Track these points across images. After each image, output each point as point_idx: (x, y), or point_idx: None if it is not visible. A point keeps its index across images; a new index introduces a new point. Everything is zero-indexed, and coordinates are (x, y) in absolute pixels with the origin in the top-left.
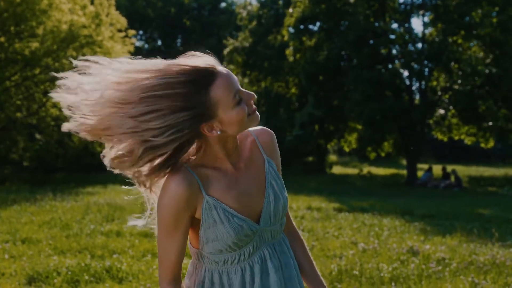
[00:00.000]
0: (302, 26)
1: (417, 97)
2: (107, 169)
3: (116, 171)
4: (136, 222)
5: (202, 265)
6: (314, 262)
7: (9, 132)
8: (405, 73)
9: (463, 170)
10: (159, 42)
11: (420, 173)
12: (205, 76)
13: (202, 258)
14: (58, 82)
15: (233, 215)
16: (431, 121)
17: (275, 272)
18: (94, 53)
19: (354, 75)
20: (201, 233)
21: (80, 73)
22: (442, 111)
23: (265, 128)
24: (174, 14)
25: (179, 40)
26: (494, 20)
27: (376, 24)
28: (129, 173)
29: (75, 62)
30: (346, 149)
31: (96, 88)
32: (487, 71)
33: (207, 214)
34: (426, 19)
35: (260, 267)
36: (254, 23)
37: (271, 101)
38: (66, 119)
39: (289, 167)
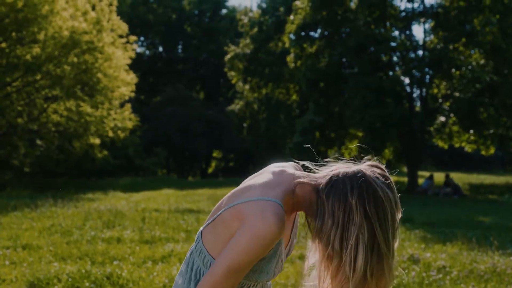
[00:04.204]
0: (303, 33)
1: (418, 104)
2: None
3: None
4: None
5: None
6: None
7: (10, 137)
8: (406, 80)
9: (464, 178)
10: (160, 48)
11: (420, 181)
12: None
13: None
14: None
15: (281, 256)
16: (431, 128)
17: None
18: (95, 59)
19: (354, 82)
20: None
21: None
22: (442, 119)
23: None
24: (175, 20)
25: (180, 46)
26: (495, 28)
27: (377, 31)
28: None
29: None
30: (347, 156)
31: None
32: (487, 78)
33: (276, 245)
34: (427, 26)
35: None
36: (255, 29)
37: (271, 108)
38: (67, 125)
39: None
